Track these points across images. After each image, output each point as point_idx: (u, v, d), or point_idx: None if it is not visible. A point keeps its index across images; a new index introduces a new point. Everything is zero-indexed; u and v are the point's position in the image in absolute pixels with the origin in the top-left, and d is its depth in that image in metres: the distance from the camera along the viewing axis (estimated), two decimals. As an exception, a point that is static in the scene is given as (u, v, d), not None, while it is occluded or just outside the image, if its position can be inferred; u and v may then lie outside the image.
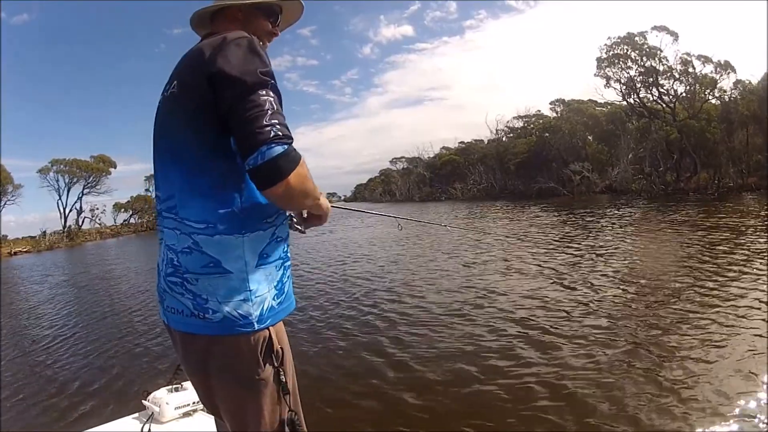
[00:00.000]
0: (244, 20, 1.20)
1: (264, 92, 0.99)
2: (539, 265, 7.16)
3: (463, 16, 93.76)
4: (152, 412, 2.19)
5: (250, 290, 1.06)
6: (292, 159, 0.98)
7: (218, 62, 1.00)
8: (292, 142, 0.99)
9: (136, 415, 2.31)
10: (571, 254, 7.89)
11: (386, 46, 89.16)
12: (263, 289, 1.08)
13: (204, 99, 1.01)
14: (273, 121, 0.97)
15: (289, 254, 1.19)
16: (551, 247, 8.95)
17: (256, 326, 1.06)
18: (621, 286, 5.55)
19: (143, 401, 2.29)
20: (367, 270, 8.20)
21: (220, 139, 1.03)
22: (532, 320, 4.48)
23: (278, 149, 0.95)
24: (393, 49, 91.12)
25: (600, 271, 6.41)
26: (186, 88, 1.06)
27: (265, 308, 1.08)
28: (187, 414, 2.20)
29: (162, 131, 1.15)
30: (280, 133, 0.96)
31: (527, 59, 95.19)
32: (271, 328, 1.09)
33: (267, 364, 1.08)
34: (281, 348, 1.11)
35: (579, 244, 9.00)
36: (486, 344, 3.95)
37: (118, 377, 4.22)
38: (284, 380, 1.10)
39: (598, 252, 7.88)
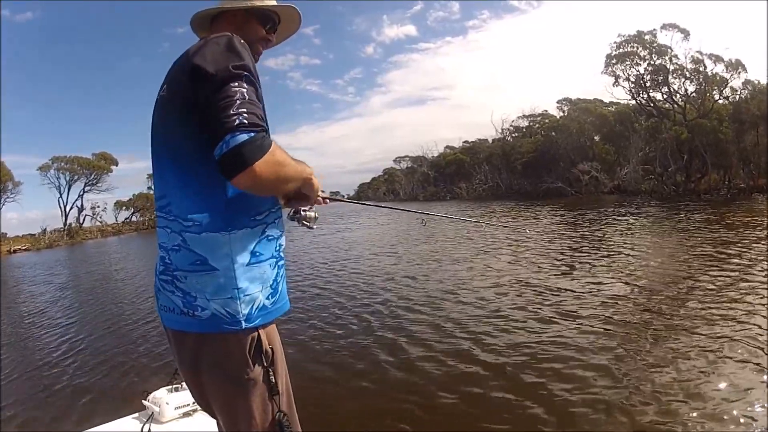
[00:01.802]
0: (239, 24, 1.23)
1: (236, 84, 0.99)
2: (570, 264, 6.93)
3: (466, 16, 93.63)
4: (152, 412, 2.18)
5: (239, 288, 1.06)
6: (257, 147, 0.96)
7: (196, 59, 1.03)
8: (260, 130, 0.98)
9: (136, 415, 2.31)
10: (600, 254, 7.59)
11: (389, 46, 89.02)
12: (254, 288, 1.08)
13: (188, 98, 1.03)
14: (240, 110, 0.96)
15: (282, 254, 1.19)
16: (576, 246, 8.65)
17: (244, 325, 1.06)
18: (661, 287, 5.26)
19: (143, 401, 2.29)
20: (396, 269, 7.94)
21: (204, 137, 1.02)
22: (591, 322, 4.29)
23: (242, 137, 0.94)
24: (396, 48, 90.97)
25: (633, 271, 6.12)
26: (173, 89, 1.09)
27: (254, 307, 1.08)
28: (187, 414, 2.20)
29: (156, 132, 1.17)
30: (245, 121, 0.95)
31: (530, 59, 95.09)
32: (260, 328, 1.10)
33: (256, 364, 1.09)
34: (271, 348, 1.12)
35: (607, 243, 8.70)
36: (554, 349, 3.73)
37: (118, 377, 4.21)
38: (274, 381, 1.11)
39: (628, 253, 7.58)
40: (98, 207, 37.51)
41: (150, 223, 36.78)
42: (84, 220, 37.22)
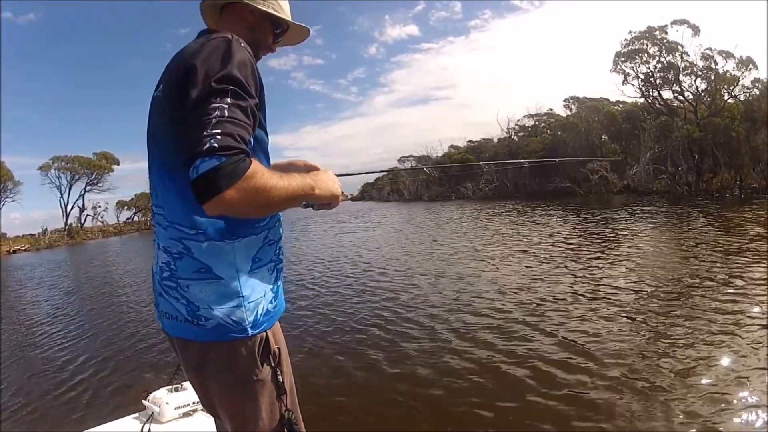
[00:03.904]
0: (252, 24, 1.18)
1: (218, 99, 0.92)
2: (606, 264, 6.58)
3: (468, 16, 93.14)
4: (152, 412, 2.18)
5: (243, 296, 1.04)
6: (228, 173, 0.88)
7: (189, 65, 0.97)
8: (234, 153, 0.90)
9: (136, 415, 2.30)
10: (632, 255, 7.24)
11: (392, 46, 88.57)
12: (257, 294, 1.07)
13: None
14: (215, 130, 0.89)
15: (281, 256, 1.18)
16: (609, 246, 8.28)
17: (250, 332, 1.05)
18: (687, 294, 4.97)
19: (143, 401, 2.28)
20: (432, 267, 7.73)
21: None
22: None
23: (212, 162, 0.88)
24: (398, 48, 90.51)
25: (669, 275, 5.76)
26: (168, 91, 1.03)
27: (259, 313, 1.07)
28: (187, 414, 2.18)
29: (151, 134, 1.12)
30: (217, 144, 0.88)
31: (534, 59, 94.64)
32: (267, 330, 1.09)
33: (264, 364, 1.08)
34: (278, 348, 1.11)
35: (636, 244, 8.36)
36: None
37: (118, 377, 4.20)
38: (281, 380, 1.10)
39: (659, 254, 7.25)
40: (99, 207, 37.24)
41: (152, 222, 36.48)
42: (85, 220, 36.96)
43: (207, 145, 0.87)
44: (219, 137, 0.88)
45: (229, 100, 0.93)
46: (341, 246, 12.15)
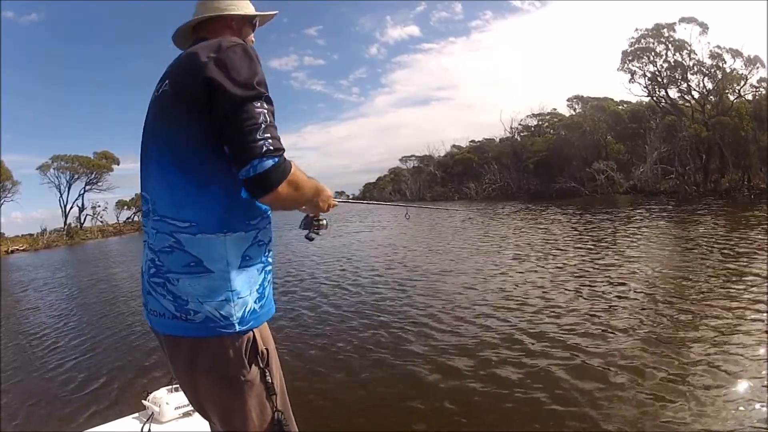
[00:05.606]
0: (237, 29, 1.25)
1: (259, 104, 1.02)
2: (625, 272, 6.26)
3: (469, 16, 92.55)
4: (152, 412, 2.17)
5: (232, 290, 1.06)
6: (281, 171, 1.03)
7: (215, 69, 1.02)
8: (282, 154, 1.04)
9: (136, 415, 2.29)
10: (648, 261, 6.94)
11: (393, 47, 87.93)
12: (245, 292, 1.09)
13: (197, 102, 1.02)
14: (266, 135, 1.01)
15: (271, 259, 1.20)
16: (623, 250, 7.99)
17: (238, 327, 1.06)
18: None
19: (143, 401, 2.27)
20: (460, 269, 7.39)
21: (208, 140, 1.04)
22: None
23: (269, 162, 1.00)
24: (400, 49, 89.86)
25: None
26: (179, 89, 1.07)
27: (247, 310, 1.08)
28: (187, 414, 2.17)
29: (151, 130, 1.15)
30: (271, 147, 1.00)
31: (535, 59, 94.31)
32: (255, 329, 1.11)
33: (252, 365, 1.09)
34: (266, 349, 1.12)
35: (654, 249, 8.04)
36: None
37: (118, 377, 4.17)
38: (270, 381, 1.11)
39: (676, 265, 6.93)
40: (99, 206, 36.94)
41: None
42: (85, 219, 36.66)
43: (264, 148, 1.00)
44: (270, 140, 1.01)
45: (266, 105, 1.04)
46: (356, 245, 11.89)
